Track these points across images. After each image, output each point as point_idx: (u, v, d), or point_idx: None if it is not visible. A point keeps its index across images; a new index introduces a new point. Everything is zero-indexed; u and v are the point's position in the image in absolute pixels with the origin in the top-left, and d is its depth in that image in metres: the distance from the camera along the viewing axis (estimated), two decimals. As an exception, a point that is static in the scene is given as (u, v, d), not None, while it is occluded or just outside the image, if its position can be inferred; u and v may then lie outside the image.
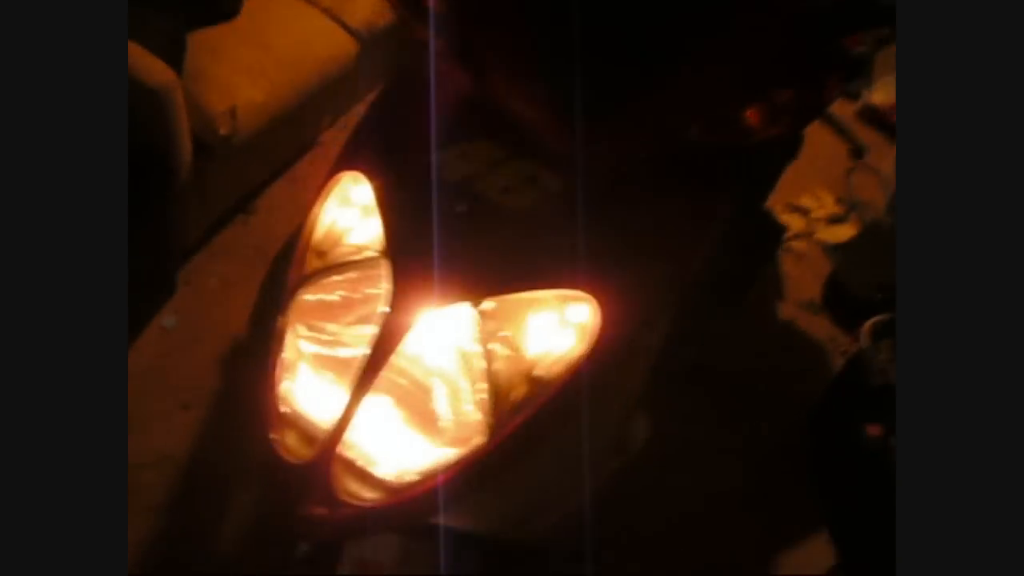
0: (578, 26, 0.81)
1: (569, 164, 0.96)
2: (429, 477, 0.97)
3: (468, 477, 0.98)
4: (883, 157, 2.70)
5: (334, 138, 2.50)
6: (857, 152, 2.87)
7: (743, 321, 2.12)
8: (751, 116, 0.95)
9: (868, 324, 1.81)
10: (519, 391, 0.98)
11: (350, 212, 1.10)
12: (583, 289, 0.98)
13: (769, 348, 2.22)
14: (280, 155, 2.33)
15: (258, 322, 1.07)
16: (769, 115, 0.95)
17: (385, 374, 0.98)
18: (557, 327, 1.01)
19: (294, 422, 1.01)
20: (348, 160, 1.11)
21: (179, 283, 2.03)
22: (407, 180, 1.03)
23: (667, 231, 1.04)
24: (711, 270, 1.21)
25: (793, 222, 2.55)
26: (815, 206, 2.61)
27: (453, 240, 0.97)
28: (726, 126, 0.95)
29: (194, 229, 2.05)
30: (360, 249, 1.04)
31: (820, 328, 2.29)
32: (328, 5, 2.29)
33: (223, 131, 1.87)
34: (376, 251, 1.02)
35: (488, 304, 0.97)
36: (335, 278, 1.02)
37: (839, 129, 2.93)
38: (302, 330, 1.03)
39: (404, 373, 1.01)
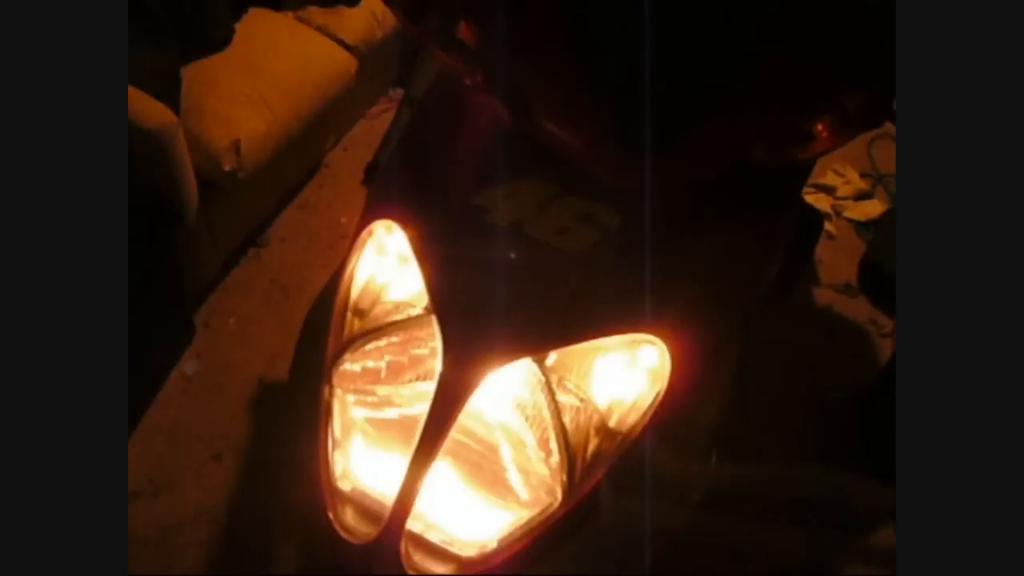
0: (643, 51, 0.73)
1: (627, 197, 0.88)
2: (504, 547, 0.90)
3: (543, 540, 0.91)
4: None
5: (339, 158, 2.43)
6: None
7: (782, 310, 2.05)
8: (820, 128, 0.87)
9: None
10: (592, 445, 0.91)
11: (387, 262, 1.02)
12: (650, 330, 0.90)
13: (810, 336, 2.15)
14: (287, 183, 2.25)
15: (299, 390, 0.99)
16: (840, 123, 0.87)
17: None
18: (625, 370, 0.94)
19: (351, 498, 0.94)
20: (379, 204, 1.03)
21: (197, 326, 1.95)
22: (447, 227, 0.95)
23: (732, 258, 0.97)
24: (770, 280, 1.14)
25: (819, 202, 2.47)
26: (839, 183, 2.53)
27: (506, 290, 0.89)
28: (793, 143, 0.87)
29: (207, 269, 1.98)
30: (402, 306, 0.96)
31: (859, 311, 2.22)
32: (322, 23, 2.20)
33: (228, 167, 1.80)
34: (420, 308, 0.94)
35: (551, 359, 0.90)
36: (379, 343, 0.94)
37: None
38: (350, 397, 0.96)
39: (465, 432, 0.93)
